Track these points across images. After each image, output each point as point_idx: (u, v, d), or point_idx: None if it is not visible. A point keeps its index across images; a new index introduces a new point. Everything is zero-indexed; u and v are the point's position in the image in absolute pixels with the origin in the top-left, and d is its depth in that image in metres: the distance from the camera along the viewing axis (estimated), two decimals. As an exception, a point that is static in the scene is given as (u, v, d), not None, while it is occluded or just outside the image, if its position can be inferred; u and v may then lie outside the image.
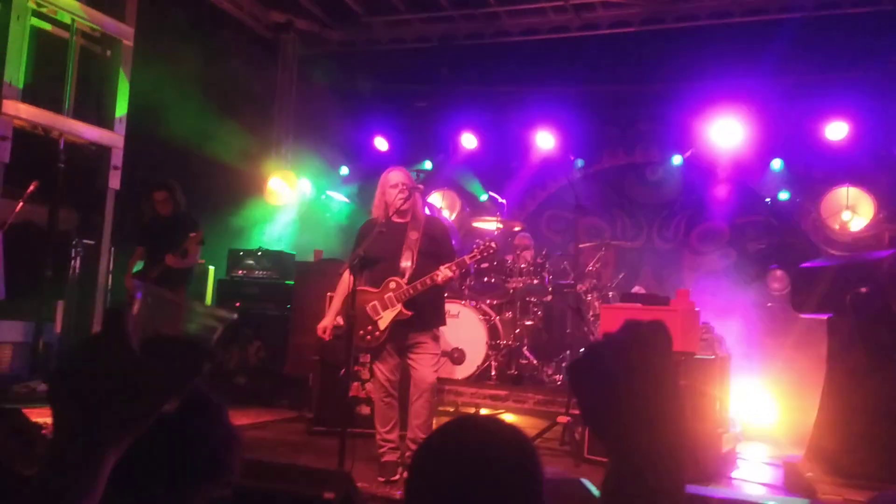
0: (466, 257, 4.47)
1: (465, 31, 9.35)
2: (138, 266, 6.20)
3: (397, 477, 4.42)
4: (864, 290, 4.14)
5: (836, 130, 7.48)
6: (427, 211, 4.99)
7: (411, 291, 4.35)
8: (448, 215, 9.38)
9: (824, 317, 4.57)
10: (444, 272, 4.32)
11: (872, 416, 4.11)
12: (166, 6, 7.99)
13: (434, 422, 4.53)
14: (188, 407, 1.24)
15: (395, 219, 4.50)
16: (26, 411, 3.61)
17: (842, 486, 4.04)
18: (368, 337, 4.41)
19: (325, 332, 4.63)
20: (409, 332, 4.44)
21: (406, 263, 4.43)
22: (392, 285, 4.40)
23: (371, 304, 4.40)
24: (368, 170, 9.64)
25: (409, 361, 4.47)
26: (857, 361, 4.23)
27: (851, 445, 4.16)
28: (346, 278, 4.41)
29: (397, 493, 4.17)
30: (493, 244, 4.48)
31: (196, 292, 6.76)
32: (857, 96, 7.39)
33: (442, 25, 9.39)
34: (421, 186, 4.79)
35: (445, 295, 4.95)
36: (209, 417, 1.25)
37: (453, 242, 4.92)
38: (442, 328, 4.77)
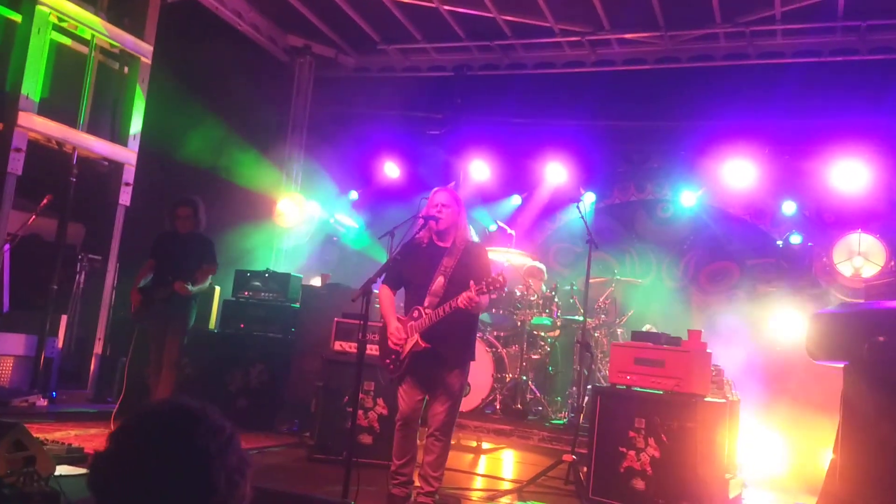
0: (473, 287, 3.98)
1: (481, 61, 9.42)
2: (146, 281, 6.03)
3: None
4: (881, 338, 4.08)
5: (850, 175, 7.46)
6: (475, 238, 4.70)
7: (431, 319, 4.16)
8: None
9: (839, 364, 4.50)
10: (464, 295, 4.00)
11: (889, 462, 4.03)
12: (185, 26, 8.04)
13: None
14: (206, 432, 1.27)
15: (437, 242, 4.38)
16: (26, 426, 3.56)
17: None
18: (392, 366, 4.28)
19: (398, 330, 4.27)
20: (432, 366, 4.22)
21: (434, 290, 4.22)
22: (415, 314, 4.25)
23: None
24: (378, 195, 9.65)
25: (428, 396, 4.31)
26: (874, 409, 4.15)
27: (867, 491, 4.07)
28: (385, 291, 4.38)
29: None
30: (501, 276, 4.07)
31: (201, 313, 6.66)
32: (870, 141, 7.38)
33: (457, 55, 9.45)
34: (461, 211, 4.52)
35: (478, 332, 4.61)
36: (226, 442, 1.31)
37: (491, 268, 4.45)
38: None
